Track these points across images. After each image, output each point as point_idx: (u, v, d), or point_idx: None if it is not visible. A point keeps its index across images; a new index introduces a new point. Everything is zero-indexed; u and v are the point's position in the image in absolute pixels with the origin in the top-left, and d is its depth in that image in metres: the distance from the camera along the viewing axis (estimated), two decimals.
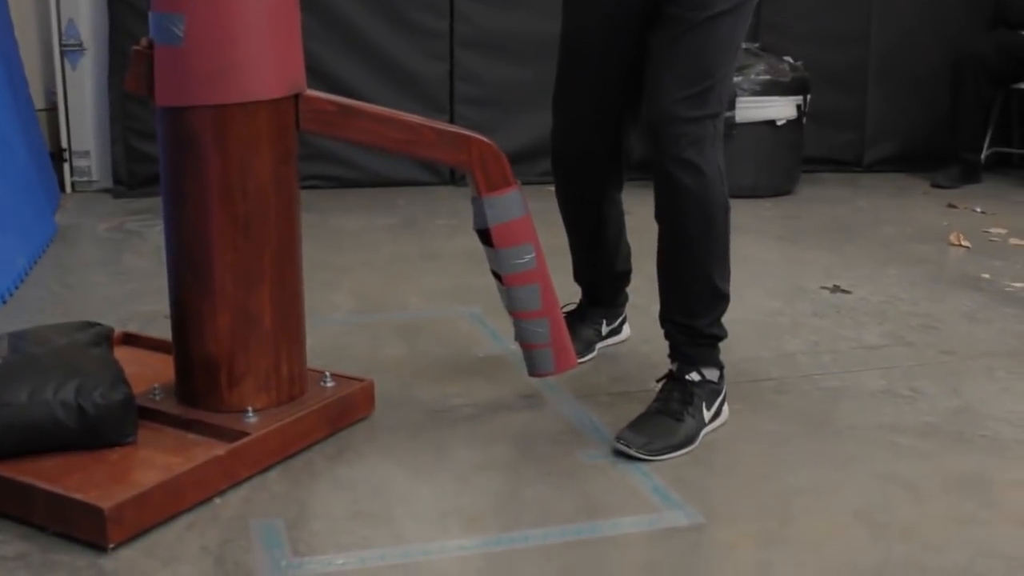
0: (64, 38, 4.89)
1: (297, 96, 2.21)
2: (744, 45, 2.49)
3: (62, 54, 4.89)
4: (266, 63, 2.14)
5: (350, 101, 2.33)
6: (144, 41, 2.18)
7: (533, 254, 2.32)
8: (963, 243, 4.13)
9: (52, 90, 4.94)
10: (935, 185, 5.31)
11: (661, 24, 2.31)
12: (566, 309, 2.66)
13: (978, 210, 4.74)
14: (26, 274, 3.47)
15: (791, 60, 5.12)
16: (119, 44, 4.73)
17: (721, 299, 2.37)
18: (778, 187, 5.02)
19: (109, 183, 4.87)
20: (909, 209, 4.83)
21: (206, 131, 2.14)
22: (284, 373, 2.24)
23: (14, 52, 4.42)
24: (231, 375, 2.18)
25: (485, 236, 2.33)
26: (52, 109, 4.95)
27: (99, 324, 2.38)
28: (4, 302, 3.17)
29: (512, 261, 2.32)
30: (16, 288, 3.32)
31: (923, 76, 5.63)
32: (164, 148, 2.21)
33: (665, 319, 2.39)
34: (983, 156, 5.46)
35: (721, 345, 2.41)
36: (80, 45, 4.90)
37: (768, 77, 4.96)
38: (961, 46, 5.42)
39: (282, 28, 2.17)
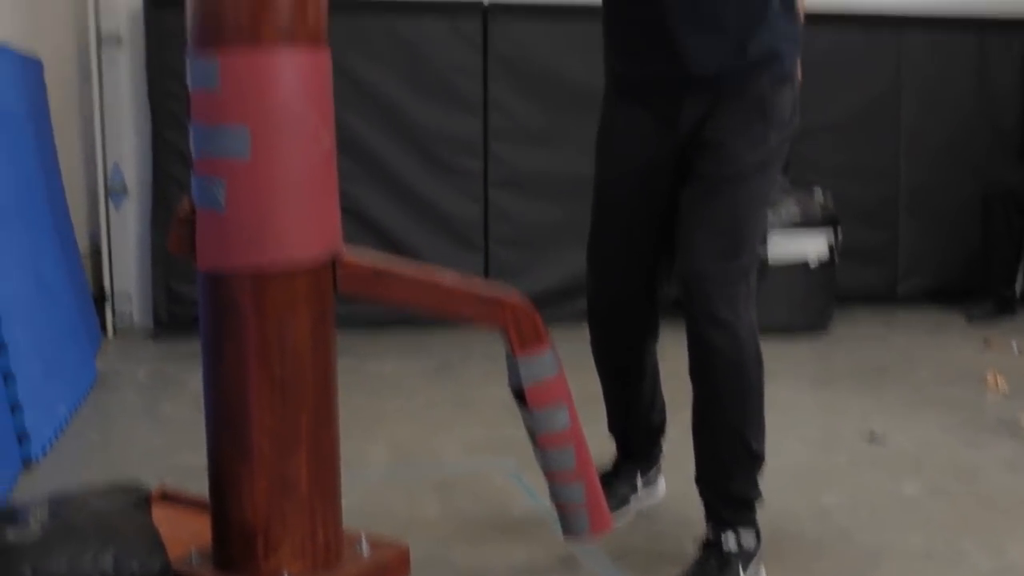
0: (109, 181, 5.02)
1: (335, 260, 2.26)
2: None
3: (107, 197, 5.01)
4: (305, 228, 2.19)
5: (387, 263, 2.37)
6: (186, 203, 2.25)
7: (567, 415, 2.33)
8: (1000, 384, 4.10)
9: (96, 232, 5.05)
10: (970, 319, 5.30)
11: (691, 179, 2.35)
12: (601, 470, 2.65)
13: (1014, 347, 4.71)
14: (67, 423, 3.51)
15: (821, 194, 5.17)
16: (163, 187, 4.85)
17: (756, 460, 2.37)
18: (812, 325, 5.02)
19: (150, 324, 4.95)
20: (944, 347, 4.81)
21: (245, 295, 2.17)
22: (320, 539, 2.23)
23: (61, 197, 4.54)
24: (267, 542, 2.18)
25: (519, 395, 2.35)
26: (96, 251, 5.05)
27: (138, 485, 2.40)
28: (44, 453, 3.21)
29: (546, 423, 2.33)
30: (57, 438, 3.35)
31: (954, 209, 5.67)
32: (203, 310, 2.24)
33: (699, 480, 2.39)
34: (1017, 289, 5.46)
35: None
36: (124, 188, 5.03)
37: (798, 212, 5.00)
38: (990, 179, 5.47)
39: (321, 191, 2.22)
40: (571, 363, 2.37)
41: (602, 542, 2.56)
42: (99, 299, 4.94)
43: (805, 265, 4.96)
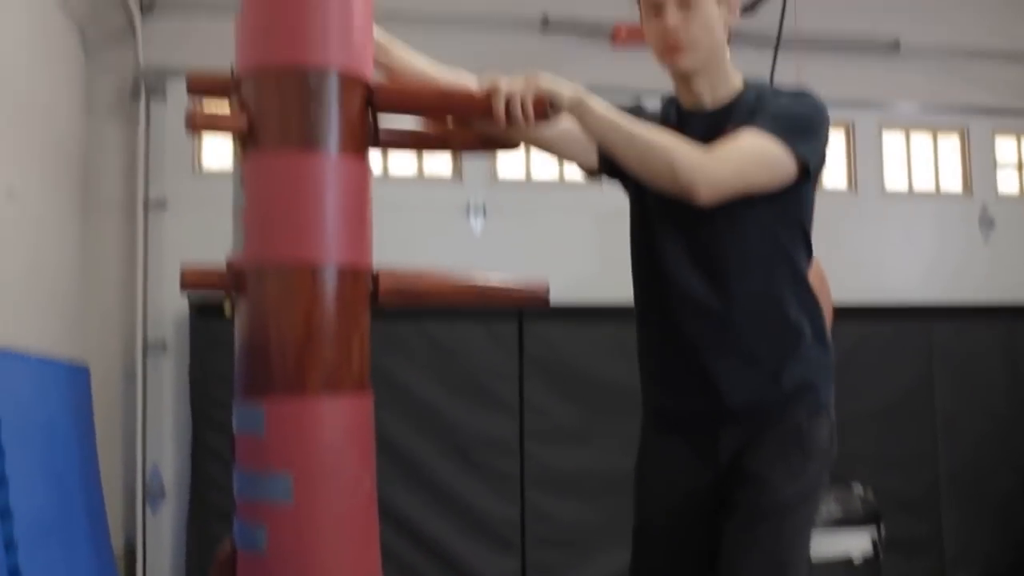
0: (148, 483, 5.03)
1: None
2: None
3: (144, 499, 5.02)
4: (345, 571, 2.18)
5: None
6: (227, 545, 2.24)
7: None
8: None
9: (132, 533, 5.03)
10: None
11: (731, 512, 2.32)
12: None
13: None
14: None
15: (861, 488, 5.12)
16: (200, 490, 4.86)
17: None
18: None
19: None
20: None
21: None
22: None
23: (99, 501, 4.55)
24: None
25: None
26: (130, 552, 5.01)
27: None
28: None
29: None
30: None
31: (998, 495, 5.60)
32: None
33: None
34: None
35: None
36: (162, 491, 5.04)
37: (839, 509, 4.93)
38: None
39: (361, 533, 2.21)
40: None
41: None
42: None
43: (849, 562, 4.84)
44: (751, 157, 2.16)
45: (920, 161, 6.33)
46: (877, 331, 5.64)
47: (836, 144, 6.00)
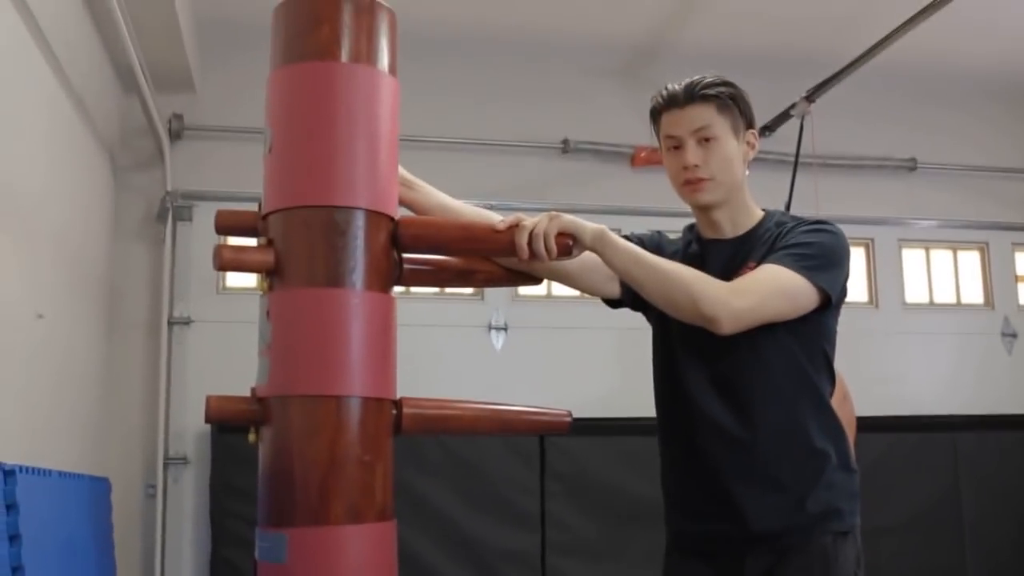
0: None
1: None
2: None
3: None
4: None
5: None
6: None
7: None
8: None
9: None
10: None
11: None
12: None
13: None
14: None
15: None
16: None
17: None
18: None
19: None
20: None
21: None
22: None
23: None
24: None
25: None
26: None
27: None
28: None
29: None
30: None
31: None
32: None
33: None
34: None
35: None
36: None
37: None
38: None
39: None
40: None
41: None
42: None
43: None
44: (773, 289, 2.19)
45: (940, 275, 6.36)
46: (901, 442, 5.60)
47: (856, 260, 6.04)
